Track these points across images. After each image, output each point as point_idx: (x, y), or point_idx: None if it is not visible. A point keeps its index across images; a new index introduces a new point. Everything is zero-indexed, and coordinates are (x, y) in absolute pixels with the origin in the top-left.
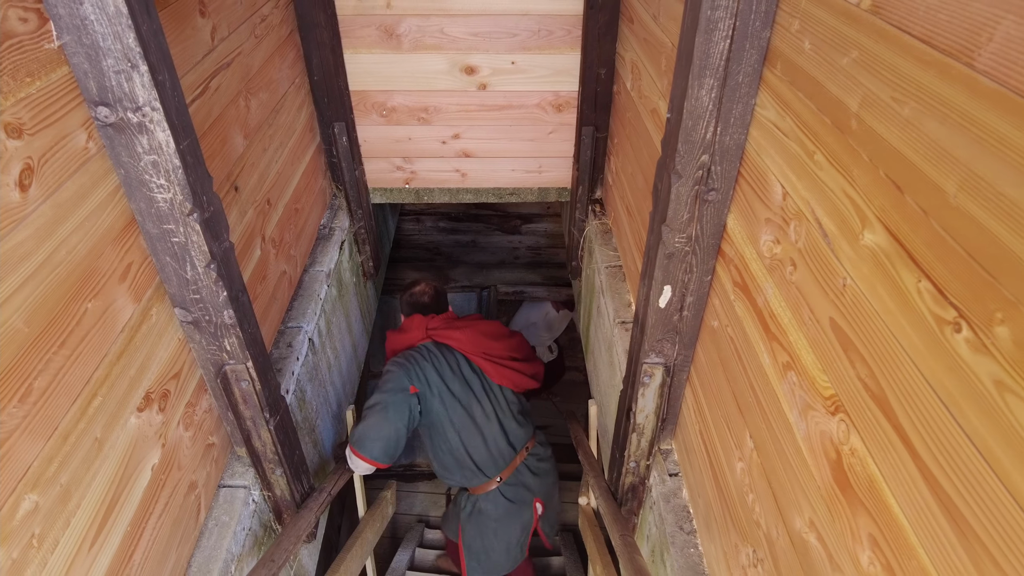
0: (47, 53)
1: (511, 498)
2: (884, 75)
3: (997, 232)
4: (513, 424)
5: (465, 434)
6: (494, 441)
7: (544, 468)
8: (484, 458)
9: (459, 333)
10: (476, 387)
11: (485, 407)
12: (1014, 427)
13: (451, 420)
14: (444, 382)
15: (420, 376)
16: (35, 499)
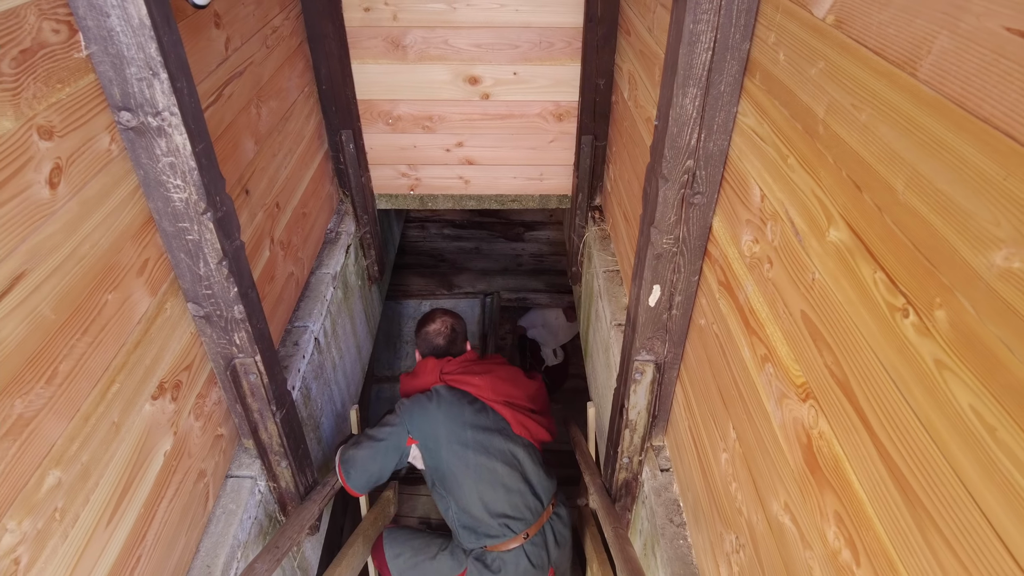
0: (76, 62)
1: (533, 559)
2: (845, 84)
3: (935, 225)
4: (539, 475)
5: (485, 485)
6: (519, 494)
7: (565, 537)
8: (509, 511)
9: (478, 379)
10: (495, 436)
11: (505, 458)
12: (951, 403)
13: (467, 471)
14: (457, 432)
15: (425, 428)
16: (58, 475)
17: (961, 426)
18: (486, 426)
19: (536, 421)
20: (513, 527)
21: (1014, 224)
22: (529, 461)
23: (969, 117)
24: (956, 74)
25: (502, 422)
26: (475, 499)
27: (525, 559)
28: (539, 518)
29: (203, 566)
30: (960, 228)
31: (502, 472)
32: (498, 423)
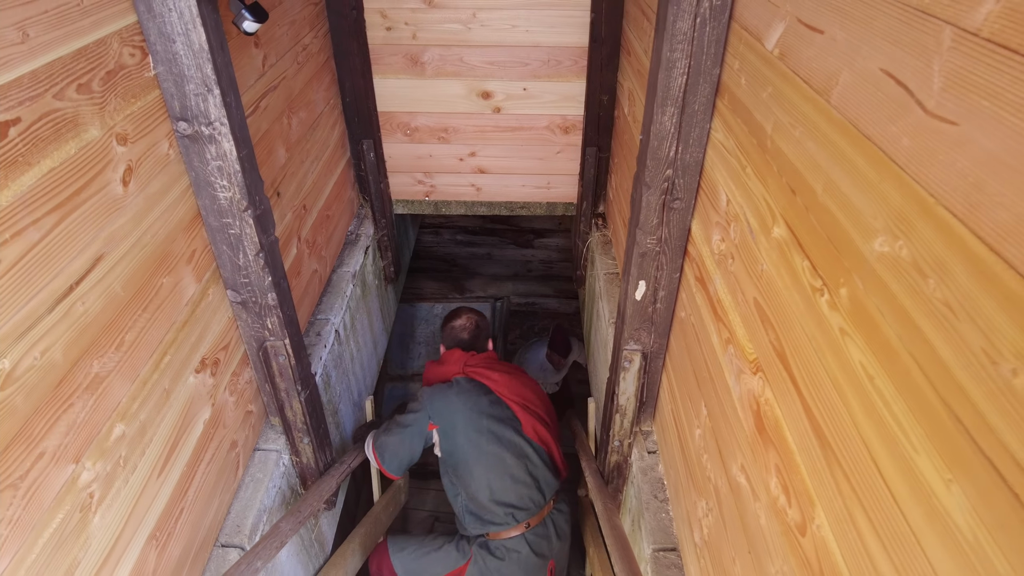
0: (146, 80)
1: (535, 548)
2: (786, 106)
3: (841, 220)
4: (544, 472)
5: (494, 473)
6: (525, 485)
7: (566, 532)
8: (514, 500)
9: (497, 375)
10: (508, 429)
11: (515, 450)
12: (849, 361)
13: (479, 458)
14: (473, 419)
15: (445, 414)
16: (123, 428)
17: (854, 379)
18: (500, 417)
19: (547, 429)
20: (516, 516)
21: (886, 217)
22: (536, 457)
23: (860, 135)
24: (853, 101)
25: (515, 420)
26: (483, 485)
27: (527, 547)
28: (541, 510)
29: (234, 525)
30: (855, 222)
31: (511, 463)
32: (511, 419)
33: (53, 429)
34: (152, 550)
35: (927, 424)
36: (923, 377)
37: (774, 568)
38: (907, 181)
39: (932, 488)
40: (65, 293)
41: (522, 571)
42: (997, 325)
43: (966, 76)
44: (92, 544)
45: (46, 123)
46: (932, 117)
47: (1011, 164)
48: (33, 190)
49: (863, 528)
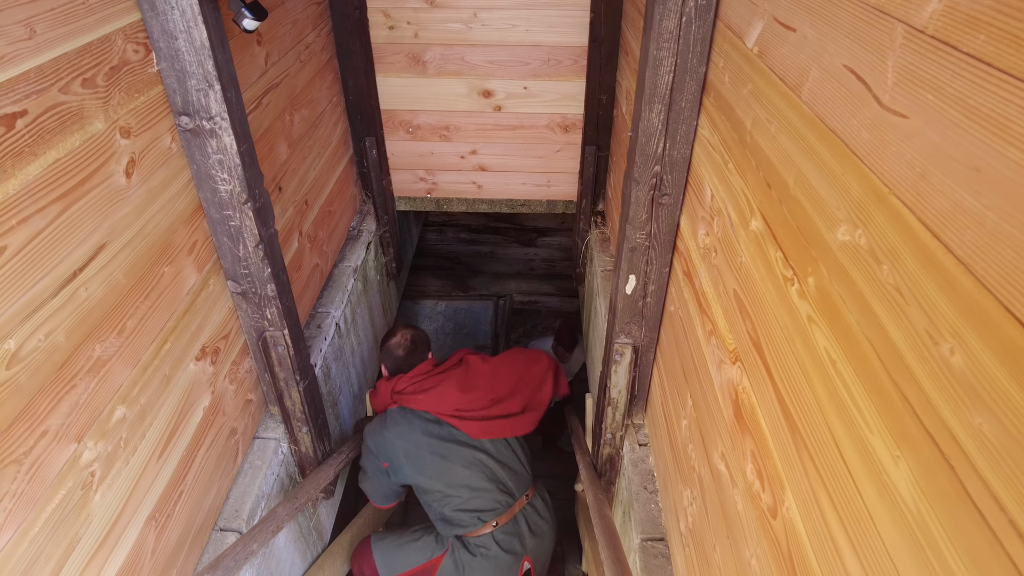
0: (149, 75)
1: (504, 546)
2: (764, 102)
3: (809, 211)
4: (507, 471)
5: (451, 488)
6: (485, 491)
7: (543, 529)
8: (477, 506)
9: (423, 396)
10: (451, 444)
11: (465, 462)
12: (815, 347)
13: (431, 478)
14: (411, 449)
15: (386, 452)
16: (124, 411)
17: (820, 365)
18: (440, 436)
19: (502, 421)
20: (483, 517)
21: (847, 208)
22: (493, 461)
23: (826, 129)
24: (820, 96)
25: (456, 432)
26: (443, 499)
27: (495, 545)
28: (511, 507)
29: (232, 510)
30: (820, 213)
31: (462, 475)
32: (452, 433)
33: (56, 409)
34: (151, 530)
35: (880, 404)
36: (877, 360)
37: (749, 552)
38: (865, 172)
39: (883, 465)
40: (69, 279)
41: (492, 567)
42: (938, 307)
43: (915, 71)
44: (93, 521)
45: (52, 116)
46: (886, 110)
47: (951, 154)
48: (39, 179)
49: (825, 508)
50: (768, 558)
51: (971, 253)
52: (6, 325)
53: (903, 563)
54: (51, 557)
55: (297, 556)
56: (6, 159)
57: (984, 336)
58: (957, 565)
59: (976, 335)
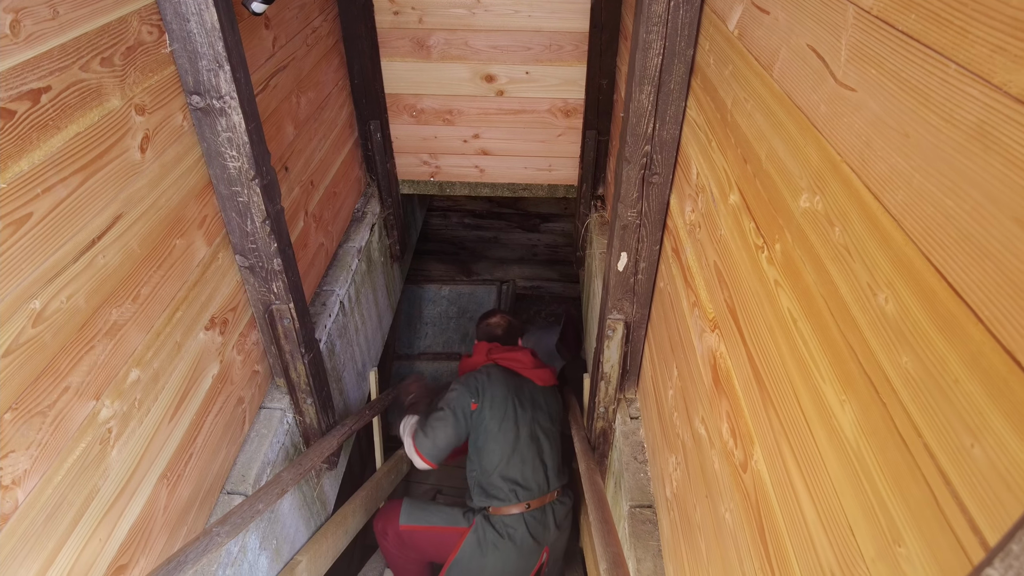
0: (162, 56)
1: (532, 531)
2: (742, 81)
3: (777, 182)
4: (554, 463)
5: (507, 451)
6: (534, 469)
7: (565, 524)
8: (519, 479)
9: (517, 354)
10: (528, 413)
11: (532, 435)
12: (781, 309)
13: (497, 434)
14: (499, 399)
15: (480, 392)
16: (138, 373)
17: (784, 324)
18: (523, 401)
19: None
20: (519, 494)
21: (808, 176)
22: (548, 446)
23: (793, 105)
24: (788, 74)
25: (537, 405)
26: (495, 459)
27: (524, 527)
28: (543, 496)
29: (239, 475)
30: (787, 183)
31: (524, 443)
32: (534, 403)
33: (77, 367)
34: (164, 488)
35: (831, 355)
36: (829, 315)
37: (724, 507)
38: (823, 143)
39: (832, 410)
40: (88, 246)
41: (516, 549)
42: (877, 262)
43: (862, 48)
44: (110, 474)
45: (73, 92)
46: (840, 85)
47: (888, 123)
48: (61, 151)
49: (787, 457)
50: (740, 511)
51: (902, 211)
52: (32, 286)
53: (847, 499)
54: (73, 504)
55: (301, 523)
56: (32, 131)
57: (910, 284)
58: (887, 492)
59: (904, 284)
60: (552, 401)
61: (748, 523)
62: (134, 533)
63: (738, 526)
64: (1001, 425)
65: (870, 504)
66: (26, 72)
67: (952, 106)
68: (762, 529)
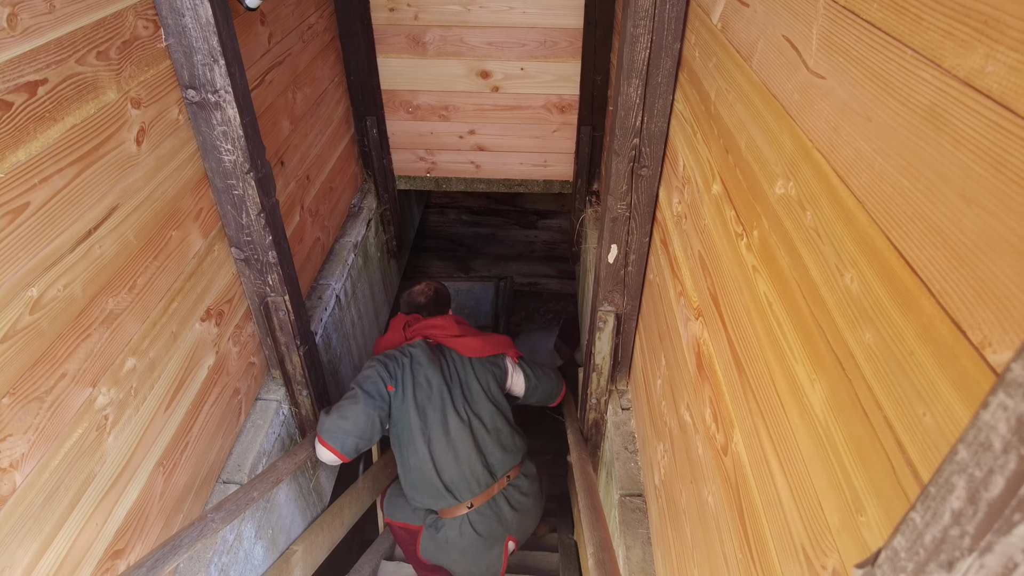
0: (158, 50)
1: (480, 531)
2: (724, 73)
3: (755, 170)
4: (494, 448)
5: (436, 446)
6: (468, 462)
7: (526, 504)
8: (454, 478)
9: (437, 319)
10: (459, 396)
11: (463, 419)
12: (758, 293)
13: (422, 428)
14: (422, 385)
15: (398, 376)
16: (134, 362)
17: (761, 308)
18: (451, 380)
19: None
20: (458, 494)
21: (784, 163)
22: (487, 429)
23: (769, 94)
24: (765, 65)
25: (463, 383)
26: (421, 459)
27: (470, 528)
28: (487, 489)
29: (235, 465)
30: (764, 171)
31: (456, 437)
32: (459, 381)
33: (73, 354)
34: (160, 475)
35: (803, 335)
36: (801, 296)
37: (707, 491)
38: (796, 130)
39: (804, 388)
40: (84, 236)
41: (467, 553)
42: (844, 243)
43: (831, 37)
44: (107, 461)
45: (69, 84)
46: (811, 73)
47: (854, 108)
48: (58, 143)
49: (763, 437)
50: (721, 494)
51: (865, 193)
52: (29, 274)
53: (816, 474)
54: (70, 488)
55: (297, 514)
56: (29, 123)
57: (872, 263)
58: (851, 464)
59: (867, 263)
60: (490, 372)
61: (729, 505)
62: (130, 519)
63: (720, 508)
64: (948, 393)
65: (836, 477)
66: (23, 65)
67: (908, 90)
68: (741, 510)
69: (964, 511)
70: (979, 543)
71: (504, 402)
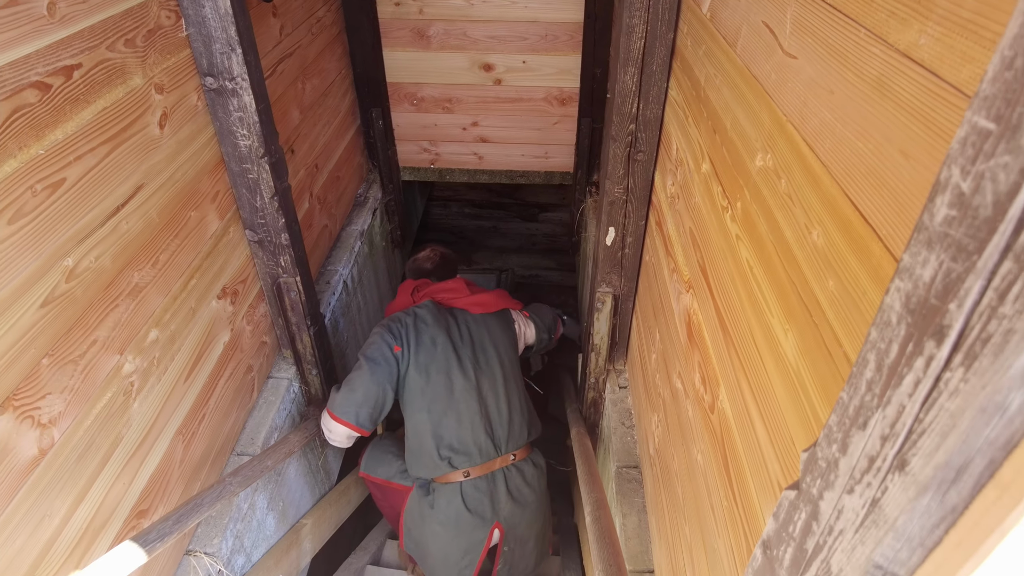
0: (179, 39)
1: (470, 505)
2: (713, 59)
3: (738, 146)
4: (502, 419)
5: (437, 407)
6: (471, 426)
7: (525, 496)
8: (453, 442)
9: (448, 283)
10: (468, 357)
11: (470, 381)
12: (741, 260)
13: (423, 388)
14: (426, 344)
15: (403, 336)
16: (157, 333)
17: (743, 274)
18: (460, 340)
19: (493, 295)
20: (454, 462)
21: (763, 138)
22: (498, 396)
23: (751, 76)
24: (748, 49)
25: (478, 329)
26: (424, 419)
27: (459, 499)
28: (490, 461)
29: (248, 438)
30: (746, 146)
31: (460, 398)
32: (474, 332)
33: (103, 322)
34: (179, 443)
35: (778, 292)
36: (777, 257)
37: (696, 449)
38: (773, 107)
39: (779, 340)
40: (113, 212)
41: (449, 525)
42: (811, 204)
43: (802, 21)
44: (133, 424)
45: (101, 69)
46: (785, 55)
47: (820, 83)
48: (91, 124)
49: (745, 390)
50: (709, 450)
51: (829, 158)
52: (65, 245)
53: (790, 416)
54: (100, 448)
55: (306, 490)
56: (66, 104)
57: (834, 219)
58: (818, 401)
59: (830, 219)
60: (501, 332)
61: (715, 458)
62: (153, 482)
63: (707, 463)
64: None
65: (806, 414)
66: (60, 50)
67: (862, 64)
68: (726, 460)
69: (874, 379)
70: (882, 400)
71: (519, 375)
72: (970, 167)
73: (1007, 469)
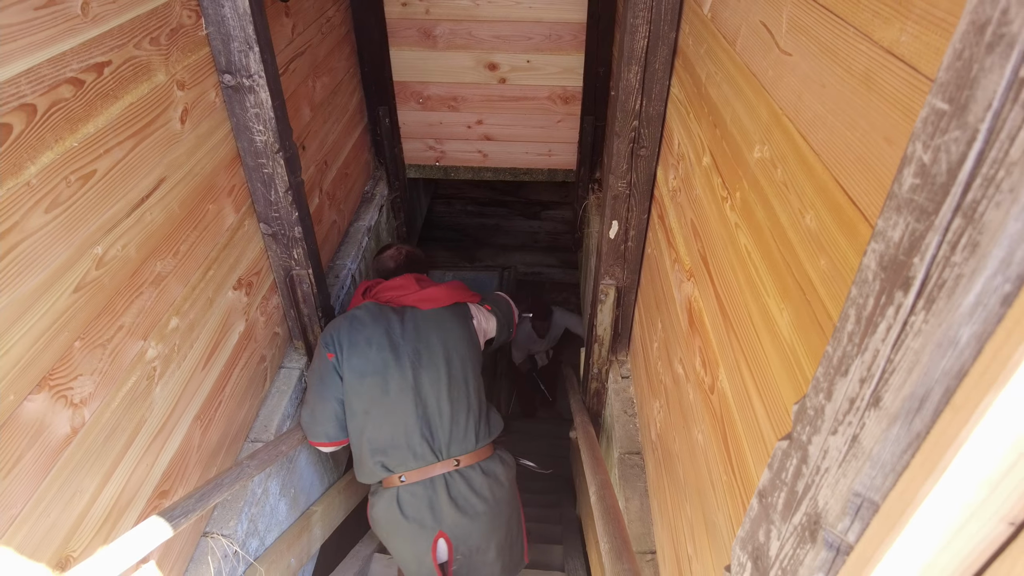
0: (199, 38)
1: (406, 511)
2: (713, 57)
3: (737, 139)
4: (443, 421)
5: (375, 410)
6: (405, 428)
7: (473, 506)
8: (386, 445)
9: (396, 280)
10: (407, 356)
11: (407, 381)
12: (740, 247)
13: (362, 392)
14: (359, 345)
15: (334, 341)
16: (177, 321)
17: (742, 260)
18: (402, 339)
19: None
20: (388, 465)
21: (760, 131)
22: (433, 398)
23: (750, 73)
24: (747, 47)
25: (425, 326)
26: (357, 422)
27: (395, 505)
28: (429, 466)
29: (262, 426)
30: (745, 139)
31: (395, 398)
32: (419, 330)
33: (129, 309)
34: (197, 428)
35: (774, 274)
36: (773, 242)
37: (697, 430)
38: (770, 102)
39: (775, 318)
40: (138, 203)
41: (392, 532)
42: (805, 190)
43: (797, 20)
44: (155, 408)
45: (129, 66)
46: (782, 52)
47: (813, 78)
48: (119, 118)
49: (744, 370)
50: (709, 430)
51: (822, 147)
52: (95, 234)
53: (785, 390)
54: (126, 430)
55: (316, 479)
56: (97, 99)
57: (826, 203)
58: (810, 370)
59: (822, 203)
60: (454, 327)
61: (715, 437)
62: (174, 464)
63: (707, 441)
64: None
65: (800, 387)
66: (93, 47)
67: (851, 60)
68: (725, 436)
69: (854, 331)
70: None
71: (473, 372)
72: (930, 142)
73: (959, 395)
